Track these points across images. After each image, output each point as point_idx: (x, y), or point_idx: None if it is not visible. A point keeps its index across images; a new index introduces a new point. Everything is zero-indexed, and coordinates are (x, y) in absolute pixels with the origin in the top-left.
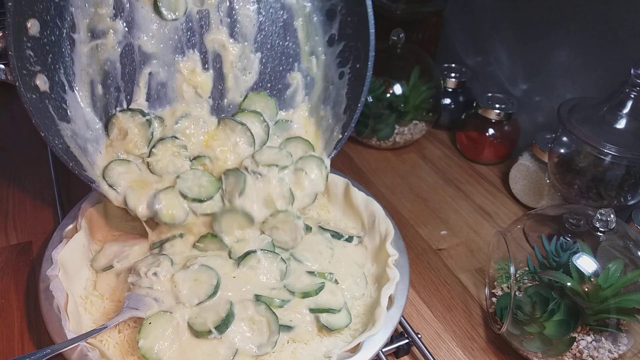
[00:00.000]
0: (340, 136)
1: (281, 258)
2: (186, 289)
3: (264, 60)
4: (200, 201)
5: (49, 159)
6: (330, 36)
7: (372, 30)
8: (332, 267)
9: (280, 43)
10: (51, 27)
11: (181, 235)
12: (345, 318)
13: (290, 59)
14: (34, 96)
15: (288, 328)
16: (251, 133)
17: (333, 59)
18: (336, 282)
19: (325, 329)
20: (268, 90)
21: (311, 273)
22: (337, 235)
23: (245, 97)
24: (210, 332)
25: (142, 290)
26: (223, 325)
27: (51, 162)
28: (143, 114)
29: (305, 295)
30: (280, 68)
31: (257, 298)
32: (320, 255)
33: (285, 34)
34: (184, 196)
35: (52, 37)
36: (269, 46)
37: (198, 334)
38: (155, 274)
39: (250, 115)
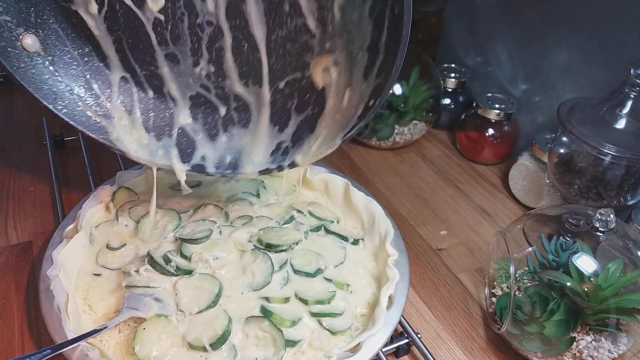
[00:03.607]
0: (371, 103)
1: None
2: (187, 296)
3: None
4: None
5: (49, 158)
6: None
7: None
8: (344, 270)
9: None
10: None
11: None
12: (348, 321)
13: None
14: (22, 65)
15: (293, 343)
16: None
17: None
18: (351, 292)
19: (328, 331)
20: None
21: (328, 280)
22: (344, 239)
23: None
24: (204, 348)
25: (140, 290)
26: (218, 343)
27: (51, 162)
28: None
29: (320, 302)
30: None
31: (265, 313)
32: (333, 258)
33: None
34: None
35: None
36: None
37: (192, 347)
38: (146, 269)
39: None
